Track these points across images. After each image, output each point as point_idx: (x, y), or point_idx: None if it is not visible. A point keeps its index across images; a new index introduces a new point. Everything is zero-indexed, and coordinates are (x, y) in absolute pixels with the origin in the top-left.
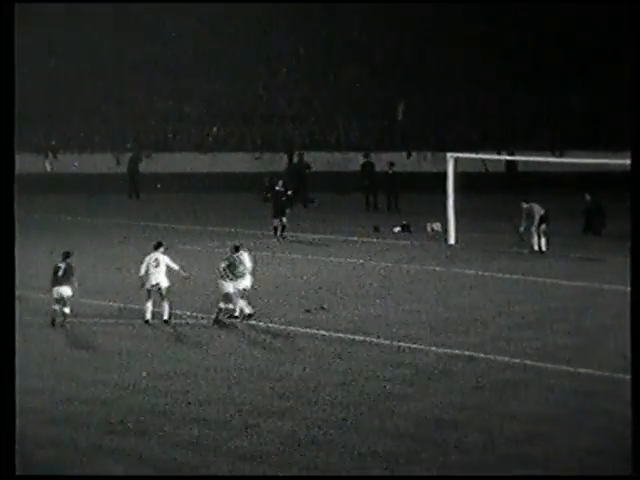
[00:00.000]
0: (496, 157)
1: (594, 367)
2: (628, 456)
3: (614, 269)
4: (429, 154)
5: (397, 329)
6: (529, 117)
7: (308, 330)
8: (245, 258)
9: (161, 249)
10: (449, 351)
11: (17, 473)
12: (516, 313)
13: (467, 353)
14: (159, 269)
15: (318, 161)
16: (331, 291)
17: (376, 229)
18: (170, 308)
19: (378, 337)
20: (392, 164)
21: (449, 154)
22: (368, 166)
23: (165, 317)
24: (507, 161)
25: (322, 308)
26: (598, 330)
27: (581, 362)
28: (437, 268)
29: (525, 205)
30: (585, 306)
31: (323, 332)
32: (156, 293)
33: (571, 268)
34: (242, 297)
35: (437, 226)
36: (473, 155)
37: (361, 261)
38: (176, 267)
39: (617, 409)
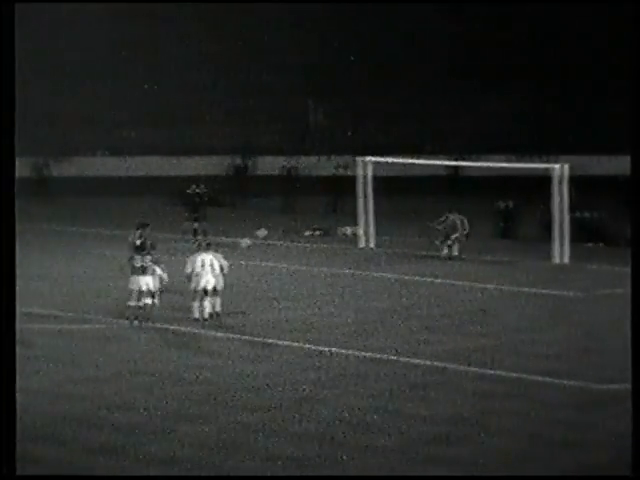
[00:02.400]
0: (410, 161)
1: (506, 369)
2: (549, 458)
3: (526, 272)
4: (347, 158)
5: (313, 332)
6: (446, 120)
7: (225, 334)
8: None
9: (210, 250)
10: (363, 354)
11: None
12: (430, 316)
13: (381, 356)
14: (206, 270)
15: (228, 165)
16: (247, 295)
17: (291, 232)
18: (214, 306)
19: (294, 341)
20: (340, 167)
21: (361, 158)
22: (290, 170)
23: (216, 310)
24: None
25: (241, 312)
26: (510, 332)
27: (493, 364)
28: (353, 271)
29: (447, 217)
30: (497, 308)
31: (240, 336)
32: (202, 293)
33: (484, 271)
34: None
35: (354, 230)
36: (387, 159)
37: (276, 264)
38: (226, 266)
39: (530, 410)
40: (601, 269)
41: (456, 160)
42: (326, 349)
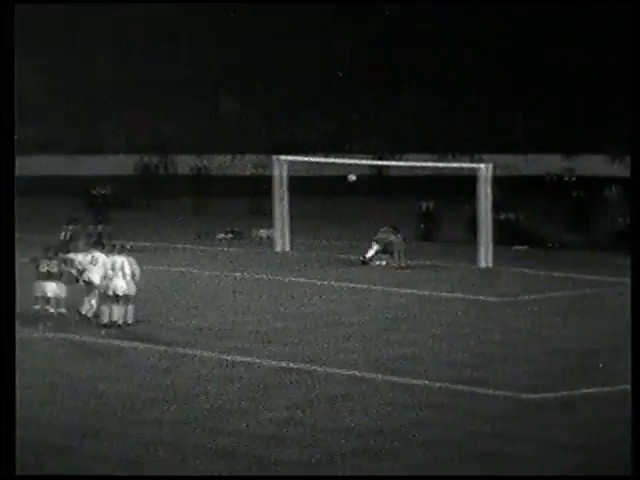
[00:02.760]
0: (329, 160)
1: (428, 378)
2: (474, 470)
3: (448, 276)
4: (263, 157)
5: (226, 341)
6: (365, 121)
7: (133, 343)
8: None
9: (123, 253)
10: (280, 364)
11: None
12: (349, 323)
13: (299, 366)
14: (117, 273)
15: (136, 165)
16: (155, 302)
17: (199, 236)
18: (125, 315)
19: (206, 350)
20: (258, 167)
21: (276, 157)
22: (202, 170)
23: (129, 320)
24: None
25: (148, 320)
26: (432, 340)
27: (415, 373)
28: (268, 276)
29: (387, 236)
30: (420, 315)
31: (148, 345)
32: (113, 297)
33: (406, 276)
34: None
35: (270, 232)
36: (304, 158)
37: (187, 269)
38: (137, 271)
39: (453, 420)
40: (525, 273)
41: (380, 159)
42: (240, 359)
